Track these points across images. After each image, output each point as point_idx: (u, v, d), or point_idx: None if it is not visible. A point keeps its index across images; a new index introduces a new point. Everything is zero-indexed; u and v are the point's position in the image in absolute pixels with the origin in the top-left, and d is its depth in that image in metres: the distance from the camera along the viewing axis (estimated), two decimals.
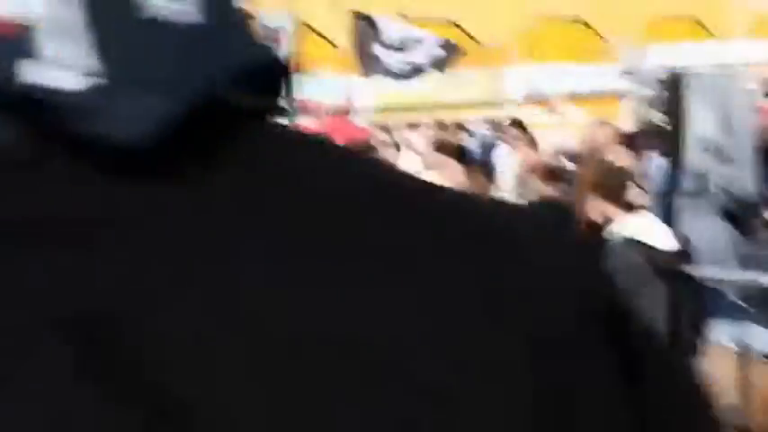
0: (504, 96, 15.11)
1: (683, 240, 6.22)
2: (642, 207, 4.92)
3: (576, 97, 13.79)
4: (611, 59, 14.68)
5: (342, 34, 11.28)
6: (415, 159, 8.36)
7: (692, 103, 6.48)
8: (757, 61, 11.55)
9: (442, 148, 6.65)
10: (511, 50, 16.92)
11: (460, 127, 11.89)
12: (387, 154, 8.07)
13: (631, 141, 8.31)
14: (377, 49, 9.60)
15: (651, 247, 4.47)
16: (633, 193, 4.75)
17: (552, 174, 6.72)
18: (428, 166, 7.32)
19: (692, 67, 6.76)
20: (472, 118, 13.15)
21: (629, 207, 4.64)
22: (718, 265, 5.79)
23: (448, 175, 6.51)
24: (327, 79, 13.78)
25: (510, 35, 17.32)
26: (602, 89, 14.74)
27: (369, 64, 9.74)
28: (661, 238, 4.63)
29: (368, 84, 11.92)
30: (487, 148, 10.20)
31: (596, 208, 4.66)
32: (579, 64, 16.83)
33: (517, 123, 8.68)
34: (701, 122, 6.51)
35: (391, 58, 9.57)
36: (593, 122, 8.06)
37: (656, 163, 7.40)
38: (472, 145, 10.49)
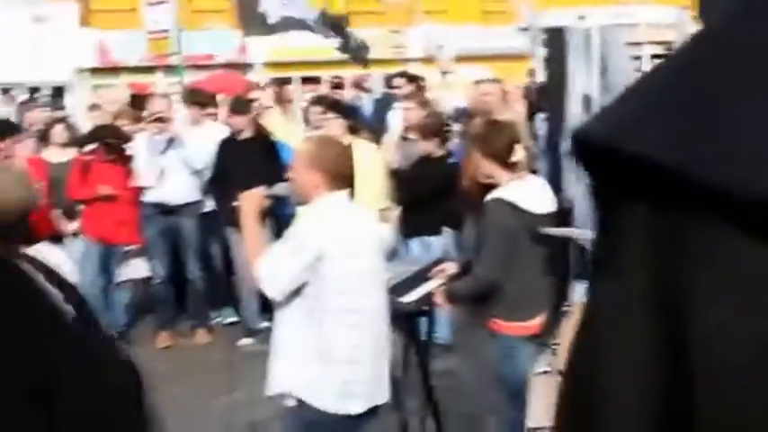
0: (404, 55, 15.03)
1: (566, 201, 6.21)
2: (526, 168, 4.85)
3: (480, 57, 13.75)
4: (515, 20, 14.65)
5: None
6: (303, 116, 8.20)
7: (573, 61, 6.43)
8: (655, 24, 11.65)
9: (321, 102, 6.50)
10: (414, 9, 16.80)
11: (358, 85, 11.73)
12: (273, 110, 7.89)
13: (530, 102, 8.27)
14: (261, 4, 9.39)
15: (526, 211, 4.40)
16: (519, 154, 4.67)
17: (434, 132, 6.64)
18: (312, 123, 7.20)
19: (574, 27, 6.70)
20: (371, 76, 13.01)
21: (514, 167, 4.56)
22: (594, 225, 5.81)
23: (328, 131, 6.39)
24: (220, 33, 13.46)
25: None
26: (507, 49, 14.73)
27: (252, 20, 9.51)
28: (540, 199, 4.55)
29: (263, 39, 11.68)
30: (383, 106, 10.07)
31: (482, 168, 4.58)
32: (483, 24, 16.81)
33: (408, 78, 8.55)
34: (582, 81, 6.47)
35: (274, 13, 9.36)
36: (485, 81, 7.96)
37: (542, 123, 7.35)
38: (366, 103, 10.35)
